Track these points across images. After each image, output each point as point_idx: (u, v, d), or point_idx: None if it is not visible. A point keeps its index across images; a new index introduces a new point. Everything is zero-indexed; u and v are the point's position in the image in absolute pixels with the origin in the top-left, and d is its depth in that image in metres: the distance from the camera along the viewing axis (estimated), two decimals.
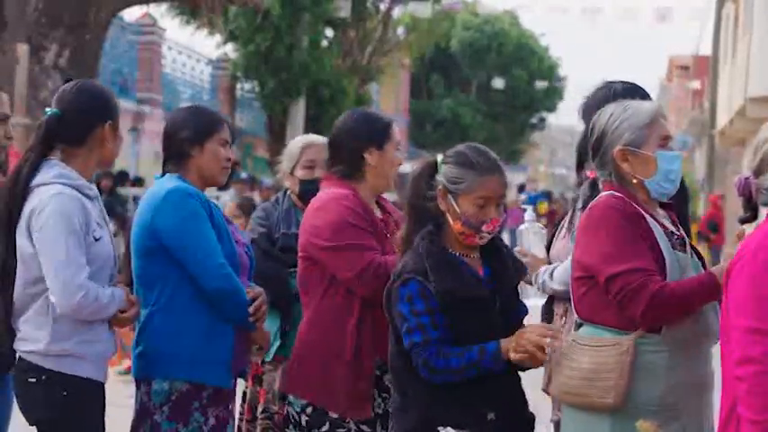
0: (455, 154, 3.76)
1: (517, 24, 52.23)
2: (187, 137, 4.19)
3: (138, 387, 4.10)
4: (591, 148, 3.80)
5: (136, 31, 25.29)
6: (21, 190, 3.88)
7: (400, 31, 33.54)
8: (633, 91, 4.21)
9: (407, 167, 26.28)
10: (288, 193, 5.31)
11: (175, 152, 4.21)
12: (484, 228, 3.69)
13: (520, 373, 3.78)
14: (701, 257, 3.80)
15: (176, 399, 4.01)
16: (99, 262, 3.90)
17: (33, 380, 3.82)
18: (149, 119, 23.81)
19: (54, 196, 3.83)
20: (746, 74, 23.76)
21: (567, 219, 4.36)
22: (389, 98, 45.75)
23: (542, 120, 55.77)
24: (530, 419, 3.84)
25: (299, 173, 5.19)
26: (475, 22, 50.32)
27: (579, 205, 4.00)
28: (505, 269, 3.80)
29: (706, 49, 36.51)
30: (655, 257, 3.58)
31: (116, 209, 14.28)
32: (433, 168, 3.78)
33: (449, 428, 3.61)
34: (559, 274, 4.18)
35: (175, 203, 4.05)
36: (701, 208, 28.69)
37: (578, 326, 3.74)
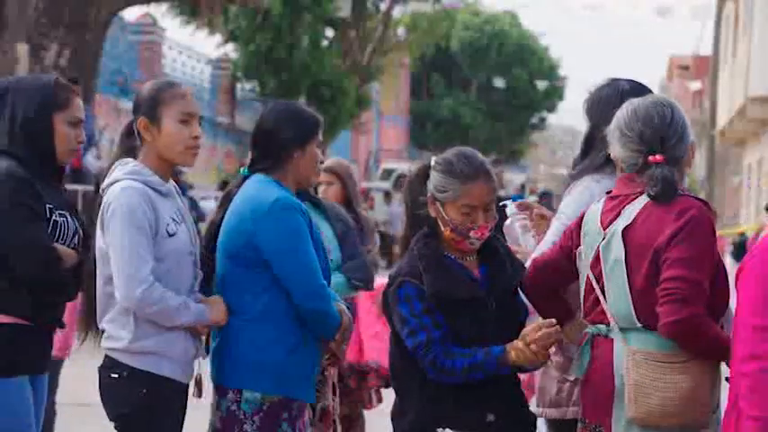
0: (442, 161, 3.73)
1: (517, 24, 52.27)
2: (290, 138, 4.09)
3: (221, 393, 4.02)
4: (671, 135, 3.64)
5: (136, 31, 25.31)
6: (101, 189, 3.92)
7: (400, 30, 33.57)
8: (640, 90, 4.20)
9: (408, 168, 26.28)
10: None
11: (274, 152, 4.09)
12: (472, 234, 3.67)
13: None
14: None
15: (267, 409, 3.96)
16: (175, 257, 3.85)
17: (115, 376, 3.81)
18: None
19: (121, 191, 3.81)
20: (747, 74, 23.78)
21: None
22: (390, 98, 45.77)
23: (543, 120, 55.83)
24: (531, 420, 3.83)
25: None
26: (475, 22, 50.35)
27: (659, 191, 3.78)
28: (501, 270, 3.77)
29: (706, 49, 36.54)
30: (722, 268, 3.56)
31: None
32: (426, 172, 3.77)
33: (447, 430, 3.60)
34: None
35: (280, 219, 3.93)
36: None
37: (590, 335, 3.67)
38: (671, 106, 3.72)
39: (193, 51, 29.04)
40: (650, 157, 3.60)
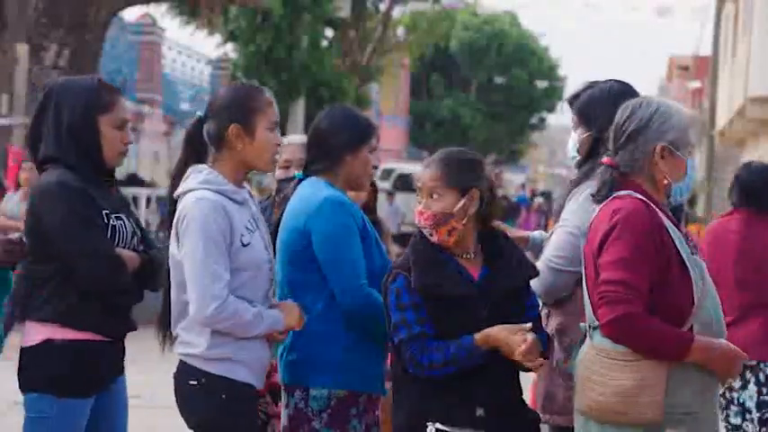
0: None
1: (517, 24, 52.28)
2: (344, 142, 4.16)
3: (289, 393, 4.09)
4: (620, 136, 3.69)
5: (136, 31, 25.32)
6: (174, 197, 3.86)
7: (400, 31, 33.57)
8: (628, 89, 4.20)
9: (408, 169, 26.30)
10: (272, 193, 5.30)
11: (327, 155, 4.16)
12: (421, 219, 3.73)
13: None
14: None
15: (335, 405, 4.01)
16: (252, 268, 3.82)
17: (194, 383, 3.79)
18: (149, 119, 23.82)
19: (196, 202, 3.75)
20: (746, 74, 23.76)
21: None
22: (389, 98, 45.78)
23: (542, 120, 55.83)
24: (532, 419, 3.82)
25: (276, 173, 5.15)
26: (475, 23, 50.35)
27: (595, 192, 3.84)
28: (504, 273, 3.76)
29: (706, 50, 36.53)
30: (677, 265, 3.54)
31: None
32: None
33: (437, 424, 3.61)
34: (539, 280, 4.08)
35: (329, 214, 4.02)
36: (701, 208, 28.68)
37: (583, 334, 3.69)
38: (632, 106, 3.72)
39: (193, 51, 29.06)
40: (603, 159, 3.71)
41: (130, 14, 25.81)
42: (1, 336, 4.52)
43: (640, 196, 3.62)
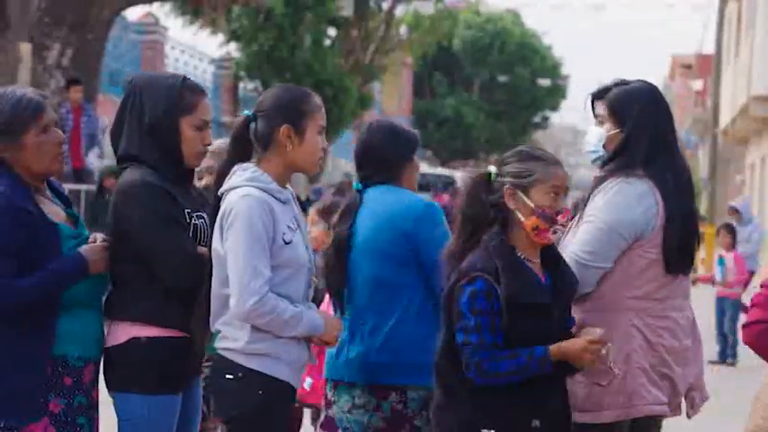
0: (516, 153, 3.76)
1: (520, 23, 52.23)
2: (400, 153, 4.37)
3: (381, 395, 4.17)
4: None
5: (138, 31, 25.31)
6: (218, 194, 3.89)
7: (403, 30, 33.54)
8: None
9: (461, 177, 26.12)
10: None
11: (389, 167, 4.35)
12: (559, 218, 3.66)
13: None
14: None
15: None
16: (293, 266, 3.85)
17: (231, 377, 3.80)
18: None
19: (241, 199, 3.78)
20: (749, 72, 23.76)
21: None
22: (392, 97, 45.76)
23: (545, 118, 55.76)
24: (572, 428, 3.80)
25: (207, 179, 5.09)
26: (477, 21, 50.32)
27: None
28: (565, 279, 3.74)
29: (709, 48, 36.50)
30: None
31: None
32: (486, 176, 3.74)
33: None
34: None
35: (435, 219, 4.22)
36: (703, 207, 28.67)
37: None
38: None
39: (196, 51, 29.05)
40: None
41: (133, 14, 25.83)
42: None
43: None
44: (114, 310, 3.93)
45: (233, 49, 28.00)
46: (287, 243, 3.82)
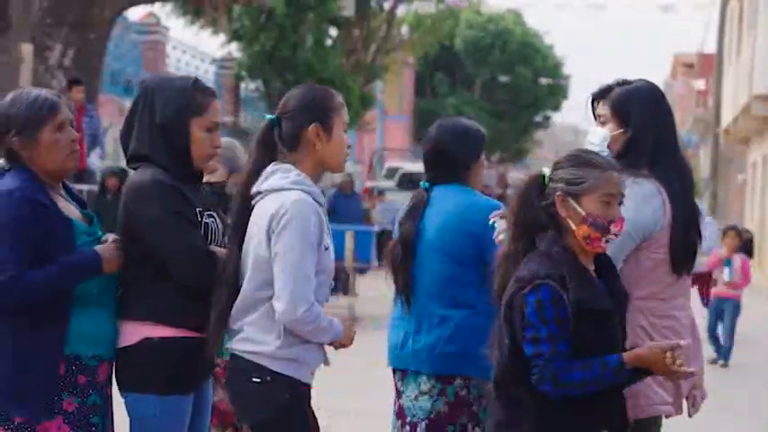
0: (569, 157, 3.63)
1: (521, 23, 52.20)
2: (470, 152, 4.52)
3: (445, 381, 4.37)
4: None
5: (140, 31, 25.30)
6: (249, 195, 3.87)
7: (404, 29, 33.53)
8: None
9: (412, 167, 26.27)
10: None
11: (456, 166, 4.50)
12: (612, 227, 3.52)
13: None
14: None
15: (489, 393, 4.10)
16: (327, 272, 3.87)
17: (258, 380, 3.79)
18: None
19: (294, 203, 3.76)
20: (751, 71, 23.75)
21: None
22: (393, 97, 45.77)
23: (547, 118, 55.73)
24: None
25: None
26: (479, 21, 50.30)
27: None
28: (617, 286, 3.65)
29: (710, 47, 36.49)
30: None
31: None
32: (540, 179, 3.63)
33: None
34: None
35: (488, 216, 4.31)
36: (705, 207, 28.66)
37: None
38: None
39: (197, 51, 29.04)
40: None
41: (134, 14, 25.80)
42: None
43: None
44: (126, 310, 3.93)
45: (234, 49, 27.99)
46: (326, 249, 3.84)
